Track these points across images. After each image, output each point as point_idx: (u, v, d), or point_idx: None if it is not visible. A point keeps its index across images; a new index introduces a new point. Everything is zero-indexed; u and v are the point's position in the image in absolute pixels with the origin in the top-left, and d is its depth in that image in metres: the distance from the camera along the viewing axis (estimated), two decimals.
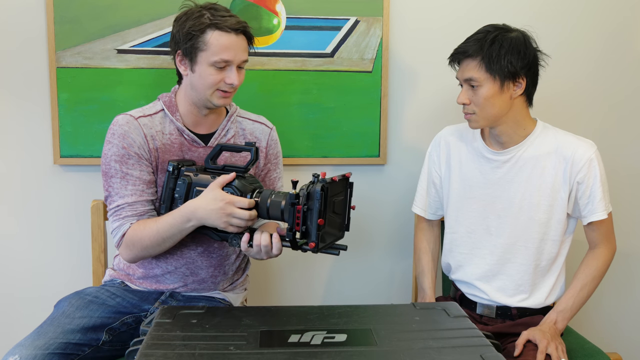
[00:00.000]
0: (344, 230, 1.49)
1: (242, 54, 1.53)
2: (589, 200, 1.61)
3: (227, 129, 1.64)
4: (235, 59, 1.51)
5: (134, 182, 1.54)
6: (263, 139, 1.69)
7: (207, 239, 1.60)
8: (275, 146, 1.73)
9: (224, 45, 1.49)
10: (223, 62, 1.50)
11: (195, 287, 1.64)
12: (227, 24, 1.48)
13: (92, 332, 1.49)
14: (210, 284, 1.66)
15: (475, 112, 1.59)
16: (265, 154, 1.69)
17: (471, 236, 1.72)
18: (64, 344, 1.41)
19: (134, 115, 1.57)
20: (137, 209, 1.54)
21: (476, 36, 1.58)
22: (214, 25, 1.48)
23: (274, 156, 1.72)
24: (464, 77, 1.59)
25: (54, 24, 1.91)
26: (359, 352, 1.14)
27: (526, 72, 1.56)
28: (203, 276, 1.63)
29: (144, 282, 1.64)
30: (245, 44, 1.54)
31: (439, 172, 1.79)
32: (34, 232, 2.03)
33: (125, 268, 1.67)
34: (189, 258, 1.61)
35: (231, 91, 1.55)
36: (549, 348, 1.50)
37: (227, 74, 1.52)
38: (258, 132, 1.69)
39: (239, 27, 1.50)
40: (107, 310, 1.55)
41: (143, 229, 1.50)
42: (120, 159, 1.54)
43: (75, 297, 1.58)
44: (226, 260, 1.66)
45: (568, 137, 1.64)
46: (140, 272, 1.64)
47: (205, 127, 1.63)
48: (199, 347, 1.15)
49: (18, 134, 1.98)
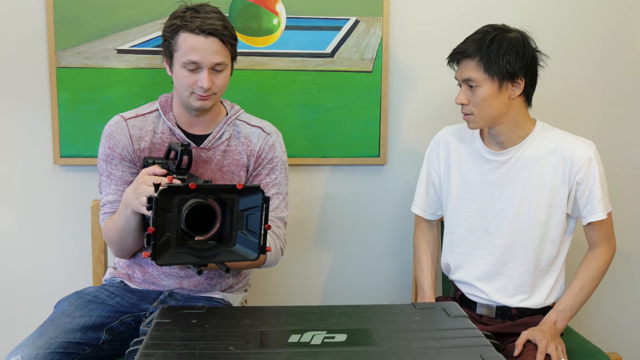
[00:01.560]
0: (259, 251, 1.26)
1: (213, 56, 1.48)
2: (588, 200, 1.61)
3: (222, 132, 1.62)
4: (205, 62, 1.48)
5: (116, 182, 1.59)
6: (257, 143, 1.64)
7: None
8: (271, 151, 1.65)
9: (190, 47, 1.47)
10: (192, 64, 1.48)
11: (191, 288, 1.65)
12: (195, 24, 1.46)
13: (92, 332, 1.49)
14: (207, 285, 1.66)
15: (474, 113, 1.59)
16: (256, 157, 1.64)
17: (470, 236, 1.72)
18: (65, 343, 1.42)
19: (125, 116, 1.61)
20: (116, 207, 1.57)
21: (475, 36, 1.58)
22: (183, 26, 1.48)
23: (267, 161, 1.65)
24: (462, 77, 1.59)
25: (54, 24, 1.91)
26: (359, 352, 1.14)
27: (525, 73, 1.56)
28: (197, 277, 1.63)
29: (143, 283, 1.65)
30: (217, 47, 1.48)
31: (438, 173, 1.79)
32: (34, 232, 2.03)
33: (126, 267, 1.67)
34: None
35: (207, 95, 1.52)
36: (548, 348, 1.50)
37: (199, 77, 1.50)
38: (254, 136, 1.65)
39: (206, 28, 1.46)
40: (106, 309, 1.55)
41: (108, 223, 1.56)
42: (106, 159, 1.60)
43: (74, 296, 1.59)
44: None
45: (567, 137, 1.64)
46: (138, 272, 1.65)
47: (200, 128, 1.62)
48: (199, 347, 1.15)
49: (18, 134, 1.98)
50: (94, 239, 1.84)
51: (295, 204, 2.12)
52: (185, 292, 1.65)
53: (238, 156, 1.63)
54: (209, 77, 1.49)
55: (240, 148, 1.64)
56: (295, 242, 2.15)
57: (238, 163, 1.63)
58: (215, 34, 1.47)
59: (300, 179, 2.11)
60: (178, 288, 1.64)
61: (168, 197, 1.18)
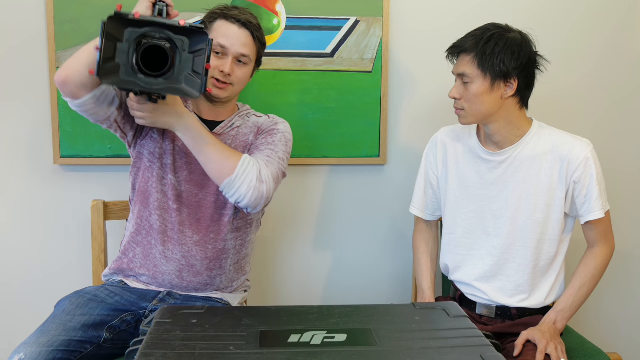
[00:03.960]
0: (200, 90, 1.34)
1: (241, 46, 1.58)
2: (586, 199, 1.61)
3: (234, 120, 1.70)
4: (232, 49, 1.58)
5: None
6: (263, 123, 1.71)
7: (204, 228, 1.63)
8: (273, 126, 1.68)
9: (223, 32, 1.58)
10: (220, 47, 1.57)
11: (191, 279, 1.65)
12: (232, 14, 1.59)
13: (93, 330, 1.50)
14: (206, 277, 1.66)
15: (465, 108, 1.60)
16: (258, 131, 1.69)
17: (469, 237, 1.72)
18: (67, 341, 1.43)
19: None
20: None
21: (475, 32, 1.59)
22: (221, 15, 1.59)
23: (267, 131, 1.68)
24: (457, 71, 1.60)
25: (54, 24, 1.91)
26: (359, 352, 1.14)
27: (519, 74, 1.56)
28: (199, 268, 1.64)
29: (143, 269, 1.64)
30: (247, 40, 1.59)
31: (435, 173, 1.79)
32: (34, 232, 2.03)
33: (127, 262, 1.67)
34: (186, 247, 1.62)
35: (226, 82, 1.59)
36: (548, 348, 1.50)
37: (222, 62, 1.58)
38: (261, 120, 1.72)
39: (241, 19, 1.58)
40: (106, 308, 1.56)
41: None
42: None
43: (75, 296, 1.60)
44: (223, 254, 1.67)
45: (564, 136, 1.64)
46: (139, 260, 1.65)
47: (213, 115, 1.68)
48: (199, 347, 1.15)
49: (18, 134, 1.98)
50: (94, 239, 1.84)
51: (295, 204, 2.12)
52: (184, 292, 1.65)
53: (244, 137, 1.68)
54: (231, 65, 1.58)
55: (248, 131, 1.69)
56: (295, 242, 2.15)
57: (245, 144, 1.67)
58: (248, 27, 1.59)
59: (300, 179, 2.11)
60: (177, 278, 1.64)
61: (117, 25, 1.28)
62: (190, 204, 1.63)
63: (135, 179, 1.67)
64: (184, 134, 1.50)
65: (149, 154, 1.63)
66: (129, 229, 1.70)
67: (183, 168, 1.63)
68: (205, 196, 1.64)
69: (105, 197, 1.95)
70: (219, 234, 1.65)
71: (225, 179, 1.49)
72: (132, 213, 1.69)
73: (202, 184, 1.64)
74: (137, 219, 1.66)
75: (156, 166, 1.63)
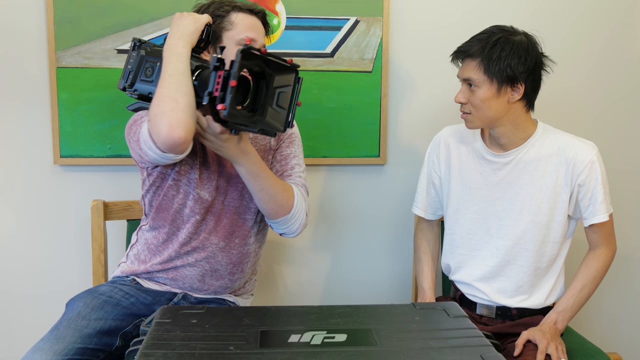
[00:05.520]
0: (286, 126, 1.38)
1: (262, 38, 1.58)
2: (590, 202, 1.61)
3: None
4: (259, 41, 1.56)
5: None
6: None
7: (230, 234, 1.61)
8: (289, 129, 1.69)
9: (248, 25, 1.54)
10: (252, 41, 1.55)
11: (212, 283, 1.63)
12: (247, 6, 1.56)
13: (107, 337, 1.48)
14: (228, 280, 1.65)
15: (472, 113, 1.59)
16: (278, 137, 1.69)
17: (471, 237, 1.71)
18: (82, 349, 1.41)
19: None
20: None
21: (480, 36, 1.57)
22: (237, 7, 1.55)
23: (287, 135, 1.70)
24: (463, 76, 1.59)
25: (54, 24, 1.91)
26: (359, 352, 1.14)
27: (526, 78, 1.54)
28: (222, 272, 1.63)
29: (161, 273, 1.62)
30: (264, 31, 1.60)
31: (438, 173, 1.79)
32: (34, 232, 2.03)
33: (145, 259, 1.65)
34: (211, 252, 1.61)
35: None
36: (549, 348, 1.50)
37: None
38: None
39: (258, 11, 1.57)
40: (121, 312, 1.53)
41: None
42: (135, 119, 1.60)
43: (89, 296, 1.56)
44: (245, 258, 1.66)
45: (569, 139, 1.63)
46: (158, 263, 1.62)
47: None
48: (199, 347, 1.15)
49: (18, 134, 1.98)
50: (94, 239, 1.84)
51: None
52: (201, 294, 1.64)
53: (264, 141, 1.67)
54: None
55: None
56: (295, 242, 2.15)
57: (265, 148, 1.66)
58: (263, 20, 1.59)
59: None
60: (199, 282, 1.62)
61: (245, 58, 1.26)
62: (215, 212, 1.61)
63: (154, 197, 1.62)
64: (245, 169, 1.48)
65: (175, 173, 1.59)
66: (145, 239, 1.66)
67: (209, 179, 1.60)
68: (230, 202, 1.62)
69: (105, 197, 1.95)
70: (244, 238, 1.64)
71: (282, 217, 1.56)
72: (151, 227, 1.65)
73: (225, 191, 1.62)
74: (157, 232, 1.63)
75: (182, 182, 1.59)
